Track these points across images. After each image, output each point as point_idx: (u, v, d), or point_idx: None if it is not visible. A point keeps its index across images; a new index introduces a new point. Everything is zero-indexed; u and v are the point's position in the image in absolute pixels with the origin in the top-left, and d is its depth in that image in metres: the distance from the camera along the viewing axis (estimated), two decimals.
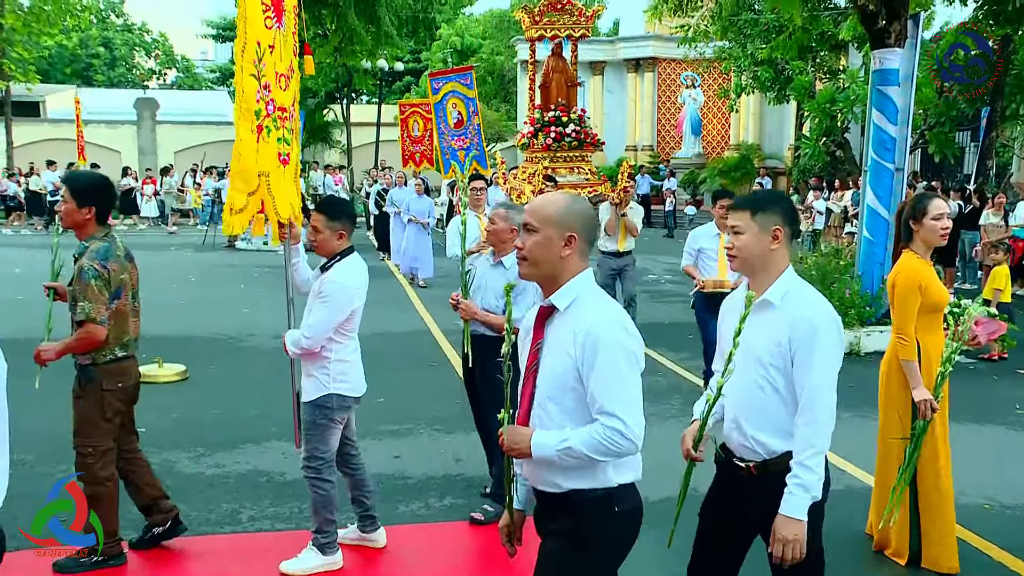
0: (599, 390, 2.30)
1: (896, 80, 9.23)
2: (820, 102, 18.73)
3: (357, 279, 4.05)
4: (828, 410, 2.64)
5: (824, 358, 2.61)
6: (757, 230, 2.71)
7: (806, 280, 2.84)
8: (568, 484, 2.39)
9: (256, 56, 4.18)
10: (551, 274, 2.42)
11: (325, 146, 30.43)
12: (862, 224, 9.68)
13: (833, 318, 2.65)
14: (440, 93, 14.91)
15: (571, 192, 2.72)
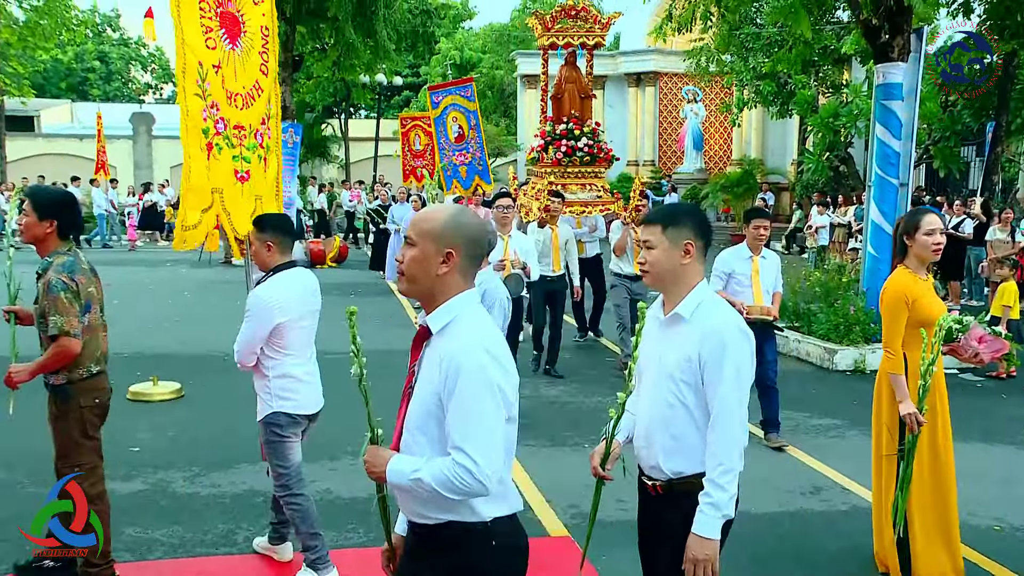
0: (454, 423, 2.17)
1: (900, 94, 9.28)
2: (823, 116, 18.81)
3: (282, 294, 4.01)
4: (738, 426, 2.60)
5: (733, 373, 2.57)
6: (668, 244, 2.66)
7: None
8: (437, 515, 2.27)
9: (199, 76, 4.31)
10: (428, 292, 2.29)
11: (323, 161, 30.51)
12: (866, 240, 9.70)
13: (743, 331, 2.61)
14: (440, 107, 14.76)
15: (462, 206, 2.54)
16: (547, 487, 5.39)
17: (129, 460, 5.79)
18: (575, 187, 11.76)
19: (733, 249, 6.47)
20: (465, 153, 14.31)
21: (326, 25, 22.41)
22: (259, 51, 4.76)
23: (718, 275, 6.36)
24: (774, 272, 6.37)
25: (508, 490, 2.34)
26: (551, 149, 11.81)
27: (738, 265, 6.29)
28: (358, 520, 4.90)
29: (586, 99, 12.55)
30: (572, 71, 12.74)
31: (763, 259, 6.29)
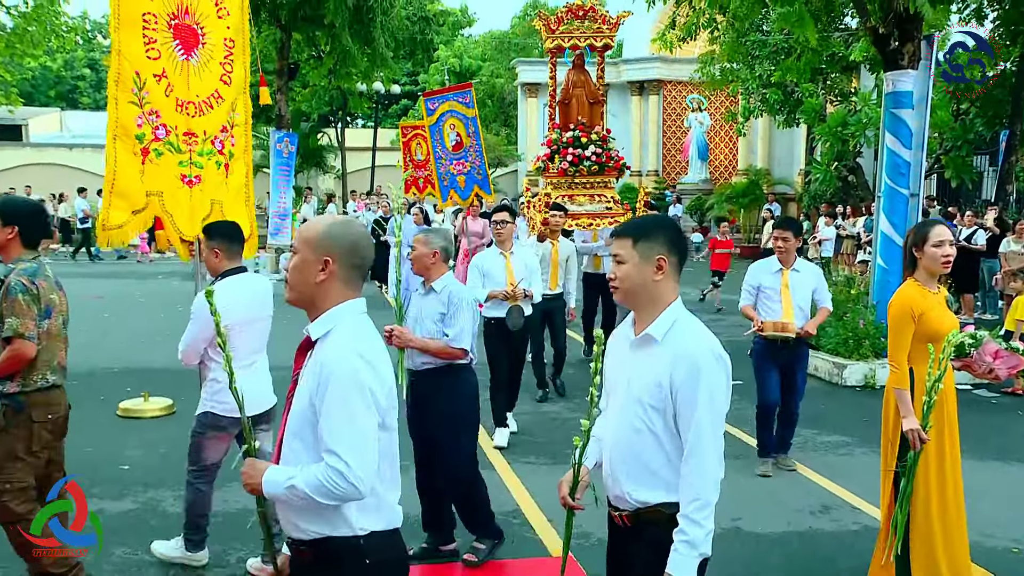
0: (325, 426, 2.22)
1: (910, 103, 9.30)
2: (831, 125, 18.84)
3: (225, 299, 4.13)
4: (713, 458, 2.48)
5: (708, 401, 2.45)
6: (639, 259, 2.56)
7: None
8: (311, 528, 2.30)
9: (135, 85, 4.65)
10: (309, 300, 2.37)
11: (319, 171, 30.58)
12: (876, 252, 9.71)
13: (718, 355, 2.50)
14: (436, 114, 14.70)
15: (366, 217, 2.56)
16: (548, 506, 5.38)
17: (119, 478, 5.78)
18: (583, 198, 11.28)
19: (762, 261, 6.32)
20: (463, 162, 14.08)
21: (322, 32, 22.52)
22: (220, 62, 5.06)
23: (746, 289, 6.20)
24: (810, 286, 6.12)
25: (384, 503, 2.36)
26: (557, 158, 11.36)
27: (766, 278, 6.11)
28: None
29: (595, 105, 12.09)
30: (580, 75, 12.35)
31: (795, 272, 6.08)
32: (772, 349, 6.05)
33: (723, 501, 2.92)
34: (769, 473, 6.08)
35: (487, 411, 7.42)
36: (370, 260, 2.47)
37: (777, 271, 6.09)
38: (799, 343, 6.08)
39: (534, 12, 40.92)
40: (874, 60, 13.95)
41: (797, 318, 5.99)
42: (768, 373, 6.11)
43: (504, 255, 6.90)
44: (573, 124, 11.74)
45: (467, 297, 4.59)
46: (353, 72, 24.56)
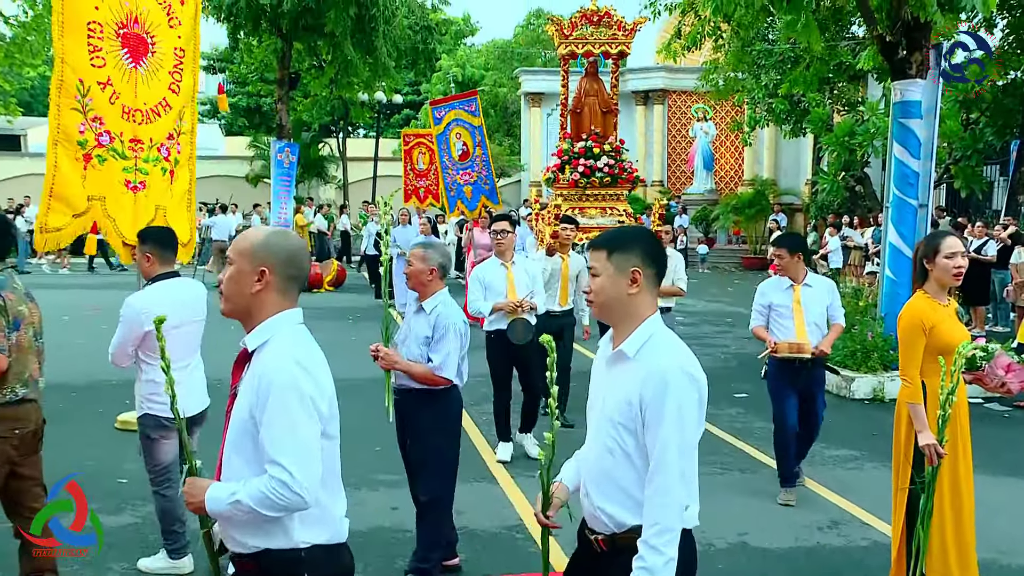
0: (267, 436, 2.22)
1: (918, 112, 9.33)
2: (838, 135, 18.89)
3: (154, 302, 4.35)
4: (677, 480, 2.36)
5: (674, 418, 2.35)
6: (613, 271, 2.50)
7: None
8: (252, 542, 2.29)
9: (78, 92, 4.81)
10: (244, 311, 2.38)
11: (320, 181, 30.66)
12: (884, 263, 9.72)
13: (688, 372, 2.40)
14: (443, 123, 14.43)
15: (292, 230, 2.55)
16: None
17: (117, 492, 5.78)
18: (594, 211, 10.92)
19: (772, 279, 6.07)
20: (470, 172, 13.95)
21: (323, 42, 22.59)
22: (169, 71, 5.25)
23: (757, 308, 6.01)
24: (823, 301, 5.90)
25: (328, 515, 2.35)
26: (568, 169, 11.05)
27: (776, 296, 5.91)
28: (356, 554, 4.87)
29: (608, 114, 11.72)
30: (593, 83, 11.98)
31: (807, 288, 5.86)
32: (788, 371, 5.85)
33: (729, 515, 2.93)
34: (792, 502, 5.83)
35: (489, 423, 7.44)
36: (307, 271, 2.49)
37: (788, 288, 5.88)
38: (816, 364, 5.87)
39: (537, 21, 41.23)
40: (882, 69, 13.99)
41: (812, 336, 5.79)
42: (785, 398, 5.90)
43: (505, 266, 6.74)
44: (585, 134, 11.44)
45: (456, 322, 4.42)
46: (355, 82, 24.62)
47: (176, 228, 5.01)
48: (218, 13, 21.73)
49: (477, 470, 6.44)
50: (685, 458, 2.38)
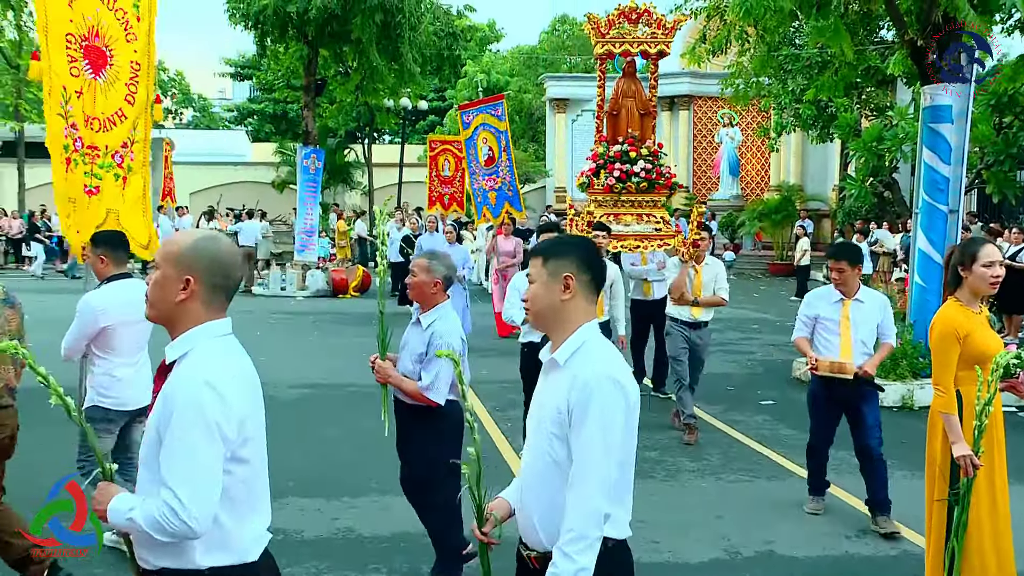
0: (164, 459, 2.15)
1: (949, 117, 9.22)
2: (866, 140, 18.72)
3: (109, 301, 4.61)
4: (597, 487, 2.30)
5: (596, 425, 2.30)
6: (547, 278, 2.47)
7: None
8: (153, 560, 2.25)
9: (62, 98, 5.14)
10: (168, 319, 2.29)
11: (345, 187, 30.84)
12: (913, 270, 9.61)
13: (614, 379, 2.35)
14: (471, 128, 14.34)
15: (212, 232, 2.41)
16: None
17: None
18: (630, 218, 10.29)
19: (821, 290, 5.69)
20: (494, 178, 13.80)
21: (349, 48, 22.75)
22: (126, 83, 5.61)
23: (802, 320, 5.66)
24: (874, 319, 5.50)
25: (233, 539, 2.26)
26: (603, 173, 10.50)
27: (824, 309, 5.52)
28: (380, 559, 4.90)
29: (646, 116, 11.12)
30: (631, 84, 11.42)
31: (858, 303, 5.47)
32: (829, 388, 5.54)
33: (756, 524, 2.90)
34: (820, 511, 5.71)
35: (514, 430, 7.43)
36: (237, 279, 2.38)
37: (837, 301, 5.48)
38: (861, 383, 5.47)
39: (562, 27, 41.27)
40: (911, 73, 13.86)
41: (857, 355, 5.42)
42: (822, 415, 5.68)
43: None
44: (622, 137, 10.91)
45: (449, 342, 4.23)
46: (380, 88, 24.77)
47: (133, 231, 5.39)
48: (245, 21, 21.96)
49: (499, 476, 6.42)
50: (609, 466, 2.33)
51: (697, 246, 7.58)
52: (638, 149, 10.57)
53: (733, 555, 5.03)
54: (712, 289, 7.56)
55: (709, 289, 7.57)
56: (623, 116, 11.20)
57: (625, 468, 2.41)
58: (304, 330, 13.43)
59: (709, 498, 6.05)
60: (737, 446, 7.32)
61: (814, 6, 10.19)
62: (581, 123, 31.89)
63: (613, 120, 11.29)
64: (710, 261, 7.75)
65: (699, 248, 7.60)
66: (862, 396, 5.52)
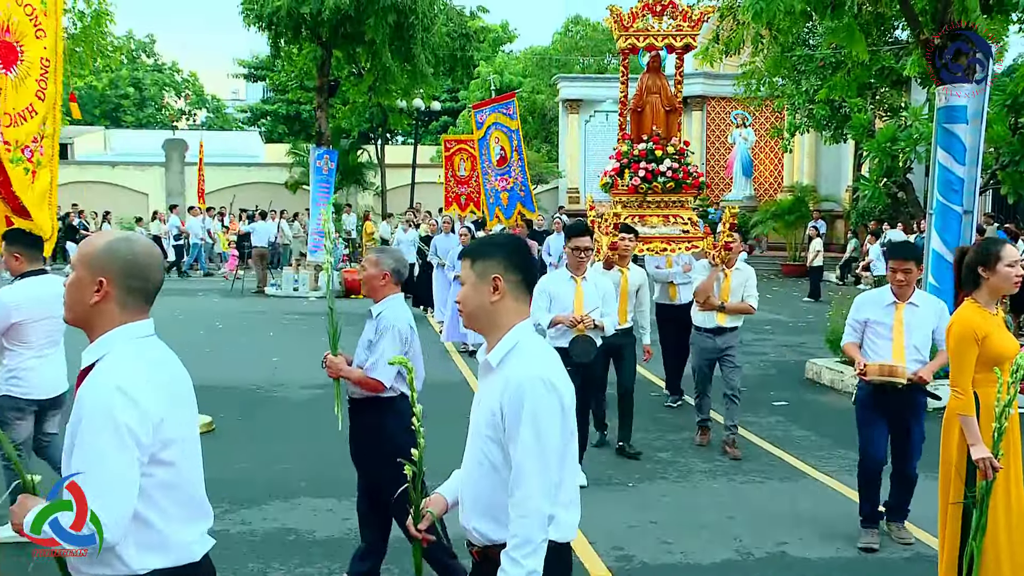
0: (75, 466, 2.13)
1: (964, 117, 9.16)
2: (880, 141, 18.63)
3: (21, 297, 4.85)
4: (537, 491, 2.30)
5: (531, 429, 2.30)
6: (475, 280, 2.48)
7: None
8: (89, 571, 2.24)
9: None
10: (84, 322, 2.25)
11: (358, 188, 30.92)
12: (928, 270, 9.56)
13: (546, 380, 2.34)
14: (484, 127, 14.10)
15: None
16: (589, 528, 5.35)
17: None
18: (656, 219, 9.81)
19: (873, 292, 5.38)
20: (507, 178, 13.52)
21: (362, 49, 22.79)
22: (36, 79, 5.69)
23: (851, 324, 5.32)
24: (929, 324, 5.13)
25: (171, 542, 2.25)
26: (627, 173, 10.03)
27: (875, 312, 5.20)
28: (391, 559, 4.91)
29: (672, 113, 10.60)
30: (655, 79, 10.75)
31: (912, 307, 5.13)
32: (879, 397, 5.11)
33: (768, 525, 2.89)
34: (875, 546, 5.17)
35: None
36: (156, 282, 2.33)
37: (890, 304, 5.14)
38: (913, 390, 5.06)
39: (575, 28, 41.24)
40: (926, 74, 13.80)
41: (910, 362, 5.03)
42: (872, 426, 5.24)
43: (575, 279, 6.21)
44: (646, 135, 10.39)
45: (396, 324, 4.23)
46: (393, 89, 24.80)
47: (39, 224, 5.55)
48: (259, 22, 22.05)
49: None
50: (548, 468, 2.32)
51: (728, 248, 7.27)
52: (664, 147, 10.10)
53: (745, 556, 5.03)
54: (740, 296, 7.19)
55: (737, 295, 7.19)
56: (648, 113, 10.58)
57: (564, 466, 2.39)
58: (317, 331, 13.46)
59: (721, 499, 6.04)
60: (750, 447, 7.30)
61: (828, 7, 10.17)
62: (594, 124, 31.91)
63: (637, 117, 10.70)
64: (740, 266, 7.38)
65: (730, 251, 7.28)
66: (913, 407, 5.16)
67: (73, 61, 26.38)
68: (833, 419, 8.13)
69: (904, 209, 20.28)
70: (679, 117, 10.61)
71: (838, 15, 10.08)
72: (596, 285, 6.25)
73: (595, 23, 41.35)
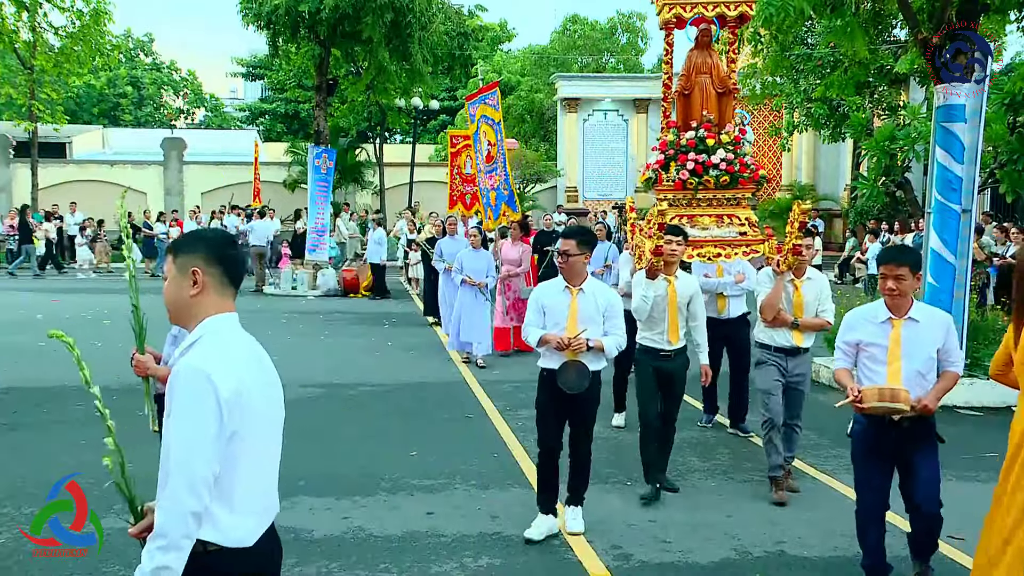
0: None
1: (962, 116, 9.17)
2: (879, 140, 18.61)
3: None
4: (184, 485, 2.23)
5: (178, 419, 2.27)
6: (176, 273, 2.47)
7: None
8: None
9: None
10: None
11: (357, 187, 30.91)
12: (926, 269, 9.56)
13: (202, 372, 2.28)
14: (475, 120, 13.31)
15: None
16: (587, 526, 5.36)
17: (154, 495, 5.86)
18: (708, 219, 8.42)
19: (864, 308, 4.52)
20: (494, 175, 12.54)
21: (361, 48, 22.79)
22: None
23: (840, 347, 4.52)
24: (933, 342, 4.29)
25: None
26: (673, 166, 8.56)
27: (867, 331, 4.37)
28: (390, 558, 4.91)
29: (725, 96, 8.92)
30: (705, 56, 9.10)
31: (912, 323, 4.28)
32: (878, 430, 4.32)
33: (766, 523, 2.88)
34: None
35: (523, 428, 7.45)
36: None
37: (885, 321, 4.32)
38: (918, 422, 4.26)
39: (573, 27, 41.22)
40: (924, 72, 13.80)
41: (913, 387, 4.20)
42: (869, 465, 4.45)
43: (570, 290, 5.22)
44: (696, 121, 8.83)
45: None
46: (391, 88, 24.81)
47: None
48: (257, 21, 22.04)
49: (511, 475, 6.43)
50: (194, 462, 2.24)
51: (799, 254, 5.91)
52: (716, 136, 8.56)
53: (743, 555, 5.02)
54: (815, 310, 6.04)
55: (812, 310, 6.03)
56: (696, 96, 8.99)
57: (236, 468, 2.33)
58: (315, 330, 13.46)
59: (719, 497, 6.03)
60: (748, 445, 7.30)
61: (829, 7, 10.16)
62: (592, 123, 31.91)
63: (685, 102, 9.07)
64: (812, 275, 6.13)
65: (801, 257, 5.96)
66: (917, 438, 4.31)
67: (72, 60, 26.44)
68: (832, 418, 8.12)
69: (902, 208, 20.32)
70: (732, 99, 9.00)
71: (839, 14, 10.08)
72: (596, 297, 5.22)
73: (593, 22, 41.38)
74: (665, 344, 5.91)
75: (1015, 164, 16.78)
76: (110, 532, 4.89)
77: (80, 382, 2.57)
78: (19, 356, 10.60)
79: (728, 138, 8.54)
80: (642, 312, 5.89)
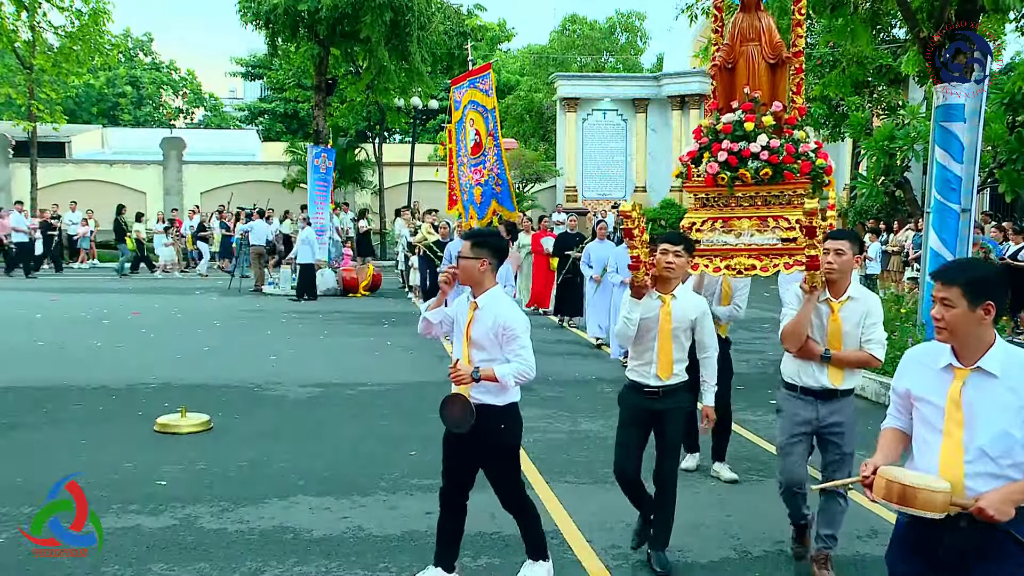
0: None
1: (961, 115, 9.18)
2: (878, 140, 18.64)
3: None
4: None
5: None
6: None
7: None
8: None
9: None
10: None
11: (356, 186, 30.90)
12: (925, 268, 9.58)
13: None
14: (461, 107, 11.92)
15: None
16: (586, 526, 5.36)
17: (156, 494, 5.85)
18: (746, 222, 6.53)
19: (922, 347, 3.10)
20: (480, 169, 11.17)
21: (360, 48, 22.79)
22: None
23: (891, 398, 3.15)
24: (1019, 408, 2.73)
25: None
26: (707, 156, 6.71)
27: (920, 378, 2.97)
28: (389, 558, 4.90)
29: (779, 68, 7.01)
30: (754, 20, 7.18)
31: (984, 377, 2.80)
32: (924, 530, 2.89)
33: (766, 523, 2.87)
34: None
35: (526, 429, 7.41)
36: None
37: (945, 368, 2.88)
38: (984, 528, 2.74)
39: (573, 26, 41.21)
40: (923, 72, 13.80)
41: (978, 470, 2.76)
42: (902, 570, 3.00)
43: (471, 302, 4.31)
44: (738, 101, 6.91)
45: None
46: (390, 87, 24.80)
47: None
48: (256, 20, 22.03)
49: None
50: None
51: (815, 268, 4.53)
52: (757, 118, 6.59)
53: (743, 554, 5.02)
54: (856, 340, 4.54)
55: (852, 340, 4.54)
56: (741, 69, 7.09)
57: None
58: (315, 329, 13.46)
59: (719, 497, 6.03)
60: (748, 445, 7.30)
61: (828, 6, 10.17)
62: (591, 122, 31.89)
63: (727, 78, 7.15)
64: (857, 293, 4.58)
65: (831, 268, 4.49)
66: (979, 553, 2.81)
67: (71, 60, 26.43)
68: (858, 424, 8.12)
69: (902, 207, 20.32)
70: (785, 72, 6.98)
71: (839, 13, 10.08)
72: (495, 315, 4.18)
73: (592, 21, 41.36)
74: (651, 379, 4.71)
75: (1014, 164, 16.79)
76: (110, 532, 4.91)
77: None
78: (19, 356, 10.60)
79: (772, 120, 6.48)
80: (623, 338, 4.75)
